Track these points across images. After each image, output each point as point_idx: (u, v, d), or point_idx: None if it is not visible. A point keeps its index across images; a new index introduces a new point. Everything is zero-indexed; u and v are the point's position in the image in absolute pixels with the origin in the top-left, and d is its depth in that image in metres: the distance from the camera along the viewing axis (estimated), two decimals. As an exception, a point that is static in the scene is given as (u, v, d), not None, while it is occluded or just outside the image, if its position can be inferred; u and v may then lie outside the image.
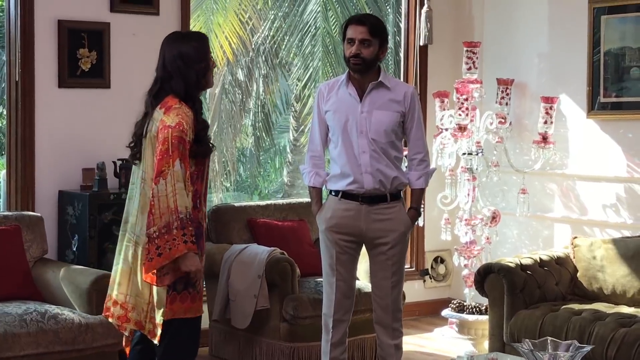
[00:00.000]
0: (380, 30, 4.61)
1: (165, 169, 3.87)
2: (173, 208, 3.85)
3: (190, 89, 4.05)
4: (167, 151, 3.88)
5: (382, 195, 4.66)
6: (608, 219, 6.24)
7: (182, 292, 3.98)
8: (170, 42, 4.13)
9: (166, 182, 3.86)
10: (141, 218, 4.01)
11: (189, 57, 4.04)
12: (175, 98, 4.02)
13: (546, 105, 6.32)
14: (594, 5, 6.22)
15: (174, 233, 3.84)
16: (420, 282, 7.22)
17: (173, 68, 4.05)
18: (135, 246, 4.04)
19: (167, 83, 4.05)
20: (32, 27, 5.47)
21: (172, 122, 3.92)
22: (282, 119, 12.02)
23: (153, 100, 4.07)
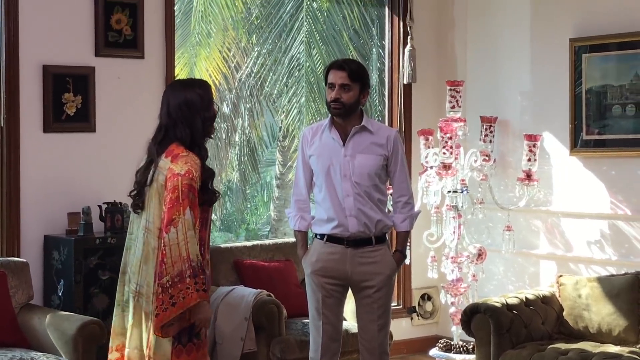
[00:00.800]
0: (361, 75, 4.64)
1: (176, 217, 3.85)
2: (185, 256, 3.82)
3: (196, 136, 4.04)
4: (177, 199, 3.86)
5: (367, 238, 4.68)
6: (593, 255, 6.27)
7: (187, 344, 3.96)
8: (174, 90, 4.13)
9: (177, 230, 3.83)
10: (144, 269, 3.98)
11: (194, 104, 4.04)
12: (180, 146, 4.00)
13: (529, 143, 6.37)
14: (575, 43, 6.29)
15: (187, 282, 3.81)
16: (408, 320, 7.22)
17: (178, 115, 4.03)
18: (138, 297, 4.00)
19: (172, 130, 4.03)
20: (17, 72, 5.49)
21: (182, 170, 3.91)
22: (269, 152, 12.03)
23: (158, 147, 4.05)
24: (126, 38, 5.86)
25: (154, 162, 4.04)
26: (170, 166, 3.95)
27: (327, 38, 9.01)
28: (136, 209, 4.08)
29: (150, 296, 3.94)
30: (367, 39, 8.72)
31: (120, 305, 4.14)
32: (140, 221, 4.07)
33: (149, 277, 3.96)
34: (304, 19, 8.91)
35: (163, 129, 4.07)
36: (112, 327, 4.17)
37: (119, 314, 4.15)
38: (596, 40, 6.20)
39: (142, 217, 4.05)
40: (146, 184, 4.03)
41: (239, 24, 9.32)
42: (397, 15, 7.15)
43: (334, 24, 8.97)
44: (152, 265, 3.96)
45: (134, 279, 4.02)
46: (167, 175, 3.94)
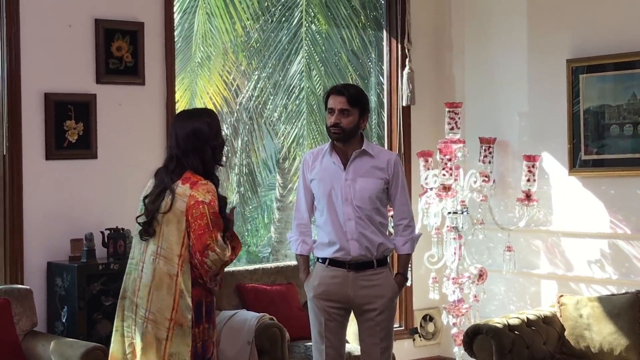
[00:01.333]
0: (360, 100, 4.69)
1: (210, 242, 3.94)
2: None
3: (207, 165, 4.09)
4: (207, 226, 3.94)
5: (368, 261, 4.71)
6: (594, 274, 6.29)
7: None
8: (181, 120, 4.17)
9: (217, 252, 3.94)
10: (156, 294, 4.00)
11: (202, 133, 4.09)
12: (194, 175, 4.06)
13: (529, 164, 6.40)
14: (573, 64, 6.34)
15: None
16: (410, 341, 7.24)
17: (188, 146, 4.08)
18: (147, 323, 4.01)
19: (184, 160, 4.08)
20: (19, 100, 5.53)
21: (206, 198, 3.97)
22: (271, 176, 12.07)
23: (172, 176, 4.08)
24: (127, 65, 5.90)
25: (168, 190, 4.05)
26: (192, 193, 3.99)
27: (327, 60, 9.07)
28: (145, 235, 4.09)
29: (163, 322, 3.97)
30: (365, 61, 8.77)
31: (119, 331, 4.15)
32: (147, 247, 4.08)
33: (160, 303, 3.98)
34: (303, 41, 8.97)
35: (174, 159, 4.11)
36: (110, 352, 4.19)
37: (117, 339, 4.16)
38: (593, 60, 6.25)
39: (151, 243, 4.06)
40: (159, 211, 4.05)
41: (238, 47, 9.37)
42: (395, 38, 7.21)
43: (333, 47, 9.03)
44: (166, 290, 3.98)
45: (142, 304, 4.03)
46: (188, 202, 3.98)
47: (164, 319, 3.97)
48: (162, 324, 3.97)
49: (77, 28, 5.74)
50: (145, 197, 4.14)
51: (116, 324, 4.17)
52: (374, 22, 7.50)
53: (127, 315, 4.11)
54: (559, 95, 6.43)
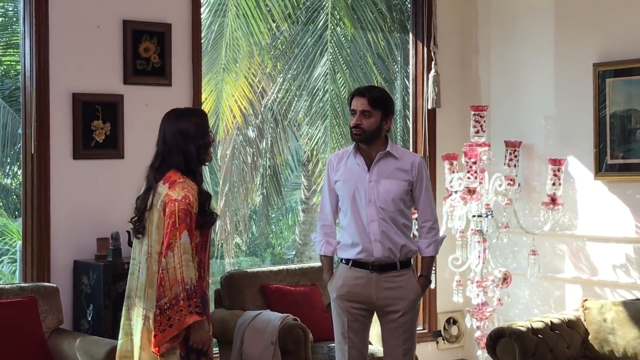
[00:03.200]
0: (382, 102, 4.70)
1: (172, 241, 4.00)
2: (180, 279, 3.97)
3: (190, 163, 4.18)
4: (174, 224, 4.01)
5: (392, 263, 4.72)
6: (618, 279, 6.26)
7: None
8: (170, 119, 4.28)
9: (174, 254, 3.98)
10: (150, 292, 4.10)
11: (188, 133, 4.18)
12: (177, 172, 4.15)
13: (554, 167, 6.39)
14: (599, 68, 6.31)
15: (180, 304, 3.96)
16: (434, 344, 7.23)
17: (173, 143, 4.18)
18: (145, 320, 4.12)
19: (168, 157, 4.18)
20: (47, 101, 5.59)
21: (179, 195, 4.05)
22: (294, 176, 12.11)
23: (156, 174, 4.19)
24: (154, 66, 5.95)
25: (152, 188, 4.18)
26: (168, 192, 4.09)
27: (352, 63, 9.09)
28: (137, 234, 4.22)
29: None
30: (391, 64, 8.80)
31: (124, 329, 4.25)
32: (142, 247, 4.19)
33: (153, 300, 4.07)
34: (328, 44, 9.00)
35: (160, 156, 4.22)
36: (117, 351, 4.28)
37: (123, 337, 4.25)
38: (620, 65, 6.22)
39: (144, 243, 4.18)
40: (146, 209, 4.17)
41: (264, 50, 9.42)
42: (421, 41, 7.21)
43: (359, 50, 9.06)
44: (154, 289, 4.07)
45: (140, 303, 4.14)
46: (165, 201, 4.08)
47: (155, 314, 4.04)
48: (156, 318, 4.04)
49: (105, 29, 5.80)
50: (138, 197, 4.28)
51: (122, 323, 4.26)
52: (399, 25, 7.52)
53: (133, 315, 4.21)
54: (585, 99, 6.41)
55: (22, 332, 5.04)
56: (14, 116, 10.34)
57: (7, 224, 10.85)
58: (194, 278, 4.00)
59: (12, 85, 10.75)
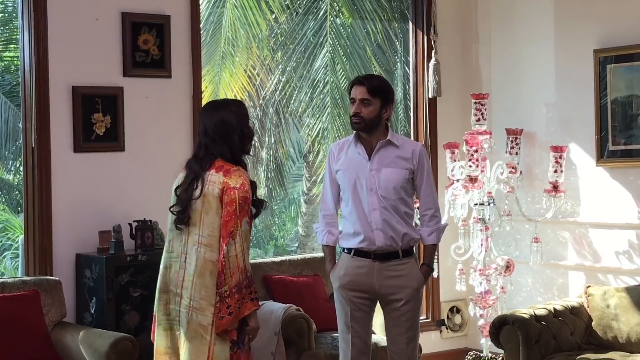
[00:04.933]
0: (382, 91, 4.70)
1: (234, 229, 4.03)
2: (242, 267, 4.03)
3: (235, 153, 4.18)
4: (234, 212, 4.04)
5: (394, 252, 4.72)
6: (621, 265, 6.26)
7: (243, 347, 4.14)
8: (209, 110, 4.27)
9: (235, 242, 4.02)
10: (199, 282, 4.08)
11: (229, 122, 4.17)
12: (227, 163, 4.15)
13: (556, 154, 6.38)
14: (600, 54, 6.30)
15: (243, 292, 4.02)
16: (437, 333, 7.23)
17: (215, 134, 4.17)
18: (192, 311, 4.09)
19: (212, 148, 4.18)
20: (47, 93, 5.58)
21: (236, 183, 4.08)
22: (296, 168, 12.10)
23: (202, 163, 4.17)
24: (153, 58, 5.94)
25: (199, 178, 4.14)
26: (225, 180, 4.10)
27: (351, 54, 9.07)
28: (180, 224, 4.17)
29: (208, 308, 4.06)
30: (391, 53, 8.78)
31: (162, 325, 4.22)
32: (188, 237, 4.15)
33: (203, 290, 4.06)
34: (327, 35, 8.98)
35: (203, 147, 4.21)
36: (155, 346, 4.25)
37: (161, 333, 4.22)
38: (620, 50, 6.20)
39: (193, 233, 4.14)
40: (192, 199, 4.13)
41: (263, 42, 9.40)
42: (421, 29, 7.19)
43: (358, 40, 9.04)
44: (209, 277, 4.07)
45: (187, 295, 4.10)
46: (222, 189, 4.08)
47: (208, 305, 4.06)
48: (208, 309, 4.06)
49: (104, 21, 5.78)
50: (177, 187, 4.23)
51: (159, 318, 4.23)
52: (399, 14, 7.50)
53: (172, 309, 4.18)
54: (586, 85, 6.40)
55: (25, 326, 5.05)
56: (15, 112, 10.33)
57: (9, 219, 10.85)
58: (250, 265, 4.07)
59: (12, 81, 10.74)
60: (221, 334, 4.05)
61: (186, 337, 4.10)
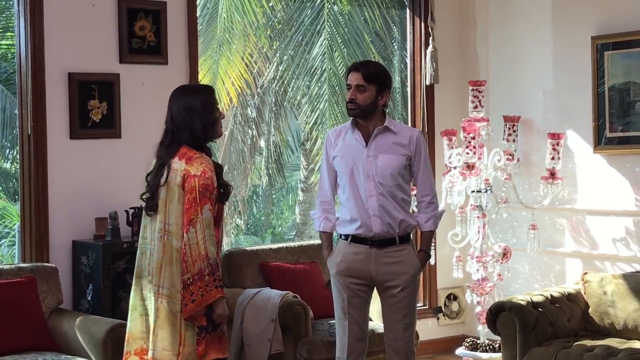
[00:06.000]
0: (377, 77, 4.69)
1: (194, 217, 4.02)
2: (204, 255, 4.00)
3: (197, 140, 4.18)
4: (195, 199, 4.03)
5: (391, 238, 4.71)
6: (618, 252, 6.26)
7: (212, 332, 4.12)
8: (177, 96, 4.28)
9: (196, 230, 4.01)
10: (167, 270, 4.10)
11: (194, 109, 4.17)
12: (190, 150, 4.15)
13: (553, 142, 6.37)
14: (597, 41, 6.28)
15: (205, 279, 4.00)
16: (434, 320, 7.24)
17: (179, 120, 4.18)
18: (160, 298, 4.12)
19: (178, 134, 4.19)
20: (42, 80, 5.56)
21: (197, 170, 4.07)
22: (294, 157, 12.10)
23: (168, 150, 4.18)
24: (150, 44, 5.92)
25: (166, 165, 4.16)
26: (186, 167, 4.10)
27: (349, 41, 9.06)
28: (149, 211, 4.21)
29: (176, 296, 4.08)
30: (388, 41, 8.77)
31: (137, 310, 4.25)
32: (155, 224, 4.18)
33: (172, 277, 4.09)
34: (325, 22, 8.97)
35: (169, 133, 4.23)
36: (128, 331, 4.28)
37: (136, 318, 4.26)
38: (618, 37, 6.19)
39: (158, 221, 4.17)
40: (160, 186, 4.16)
41: (260, 29, 9.38)
42: (419, 16, 7.18)
43: (356, 27, 9.03)
44: (175, 265, 4.09)
45: (155, 281, 4.14)
46: (183, 177, 4.09)
47: (176, 292, 4.08)
48: (176, 297, 4.08)
49: (100, 7, 5.77)
50: (148, 174, 4.27)
51: (133, 303, 4.27)
52: (397, 1, 7.47)
53: (146, 294, 4.21)
54: (583, 72, 6.38)
55: (21, 312, 5.04)
56: (12, 99, 10.32)
57: (6, 207, 10.85)
58: (214, 252, 4.04)
59: (9, 69, 10.72)
60: (190, 320, 4.07)
61: (157, 324, 4.12)
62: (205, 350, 4.10)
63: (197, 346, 4.09)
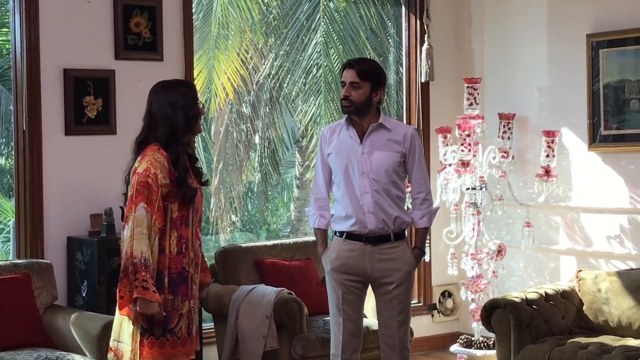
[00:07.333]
0: (371, 74, 4.69)
1: (129, 214, 4.00)
2: (129, 253, 3.95)
3: (177, 134, 4.13)
4: (131, 197, 4.02)
5: (385, 235, 4.72)
6: (613, 250, 6.27)
7: (160, 337, 4.06)
8: (157, 91, 4.26)
9: (128, 227, 3.98)
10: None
11: (176, 103, 4.15)
12: (155, 146, 4.12)
13: (548, 139, 6.38)
14: (593, 39, 6.29)
15: (130, 277, 3.94)
16: (429, 317, 7.25)
17: (160, 115, 4.15)
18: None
19: (153, 130, 4.17)
20: (38, 76, 5.55)
21: (141, 168, 4.05)
22: (289, 153, 12.10)
23: (138, 148, 4.19)
24: (145, 41, 5.92)
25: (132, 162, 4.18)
26: (135, 165, 4.11)
27: (345, 38, 9.05)
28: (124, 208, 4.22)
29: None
30: (384, 37, 8.76)
31: None
32: None
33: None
34: (320, 19, 8.96)
35: (144, 130, 4.22)
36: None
37: None
38: (613, 35, 6.20)
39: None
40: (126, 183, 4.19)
41: (256, 26, 9.37)
42: (414, 13, 7.18)
43: (351, 24, 9.02)
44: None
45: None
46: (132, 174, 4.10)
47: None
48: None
49: (95, 4, 5.76)
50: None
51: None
52: (392, -2, 7.48)
53: None
54: (578, 70, 6.39)
55: (16, 309, 5.04)
56: (7, 95, 10.30)
57: (1, 203, 10.83)
58: (145, 252, 3.95)
59: (4, 65, 10.69)
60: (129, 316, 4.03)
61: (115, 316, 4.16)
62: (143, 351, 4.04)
63: (141, 346, 4.05)
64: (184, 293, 4.11)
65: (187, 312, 4.14)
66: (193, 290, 4.19)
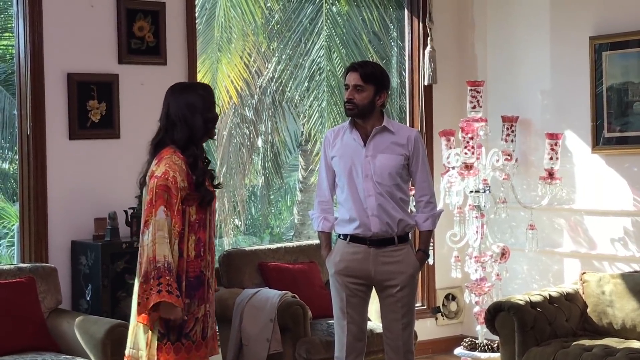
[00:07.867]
0: (374, 77, 4.70)
1: (149, 218, 3.95)
2: (151, 257, 3.90)
3: (195, 137, 4.10)
4: (151, 201, 3.96)
5: (389, 238, 4.72)
6: (617, 252, 6.27)
7: (176, 342, 4.02)
8: (175, 92, 4.20)
9: (149, 231, 3.93)
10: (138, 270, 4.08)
11: (195, 106, 4.10)
12: (171, 148, 4.07)
13: (551, 142, 6.38)
14: (596, 41, 6.29)
15: (150, 282, 3.88)
16: (433, 320, 7.25)
17: (178, 117, 4.10)
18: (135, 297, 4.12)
19: (170, 132, 4.11)
20: (42, 81, 5.56)
21: (159, 171, 3.99)
22: (292, 157, 12.11)
23: (154, 150, 4.14)
24: (149, 45, 5.93)
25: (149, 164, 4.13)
26: (152, 169, 4.05)
27: (347, 41, 9.07)
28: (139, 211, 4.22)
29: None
30: (387, 41, 8.77)
31: None
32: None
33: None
34: (323, 23, 8.97)
35: (161, 132, 4.16)
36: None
37: None
38: (616, 37, 6.20)
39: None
40: (142, 186, 4.14)
41: (259, 29, 9.39)
42: (417, 16, 7.19)
43: (354, 27, 9.03)
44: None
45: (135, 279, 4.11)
46: (150, 177, 4.04)
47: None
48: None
49: (99, 8, 5.77)
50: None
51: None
52: (395, 1, 7.48)
53: None
54: (581, 72, 6.39)
55: (21, 313, 5.05)
56: (11, 100, 10.32)
57: (5, 208, 10.85)
58: (168, 255, 3.90)
59: (8, 69, 10.71)
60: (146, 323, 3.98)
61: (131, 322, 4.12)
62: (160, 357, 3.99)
63: (158, 352, 4.00)
64: (201, 297, 4.08)
65: (203, 316, 4.12)
66: (209, 294, 4.17)
